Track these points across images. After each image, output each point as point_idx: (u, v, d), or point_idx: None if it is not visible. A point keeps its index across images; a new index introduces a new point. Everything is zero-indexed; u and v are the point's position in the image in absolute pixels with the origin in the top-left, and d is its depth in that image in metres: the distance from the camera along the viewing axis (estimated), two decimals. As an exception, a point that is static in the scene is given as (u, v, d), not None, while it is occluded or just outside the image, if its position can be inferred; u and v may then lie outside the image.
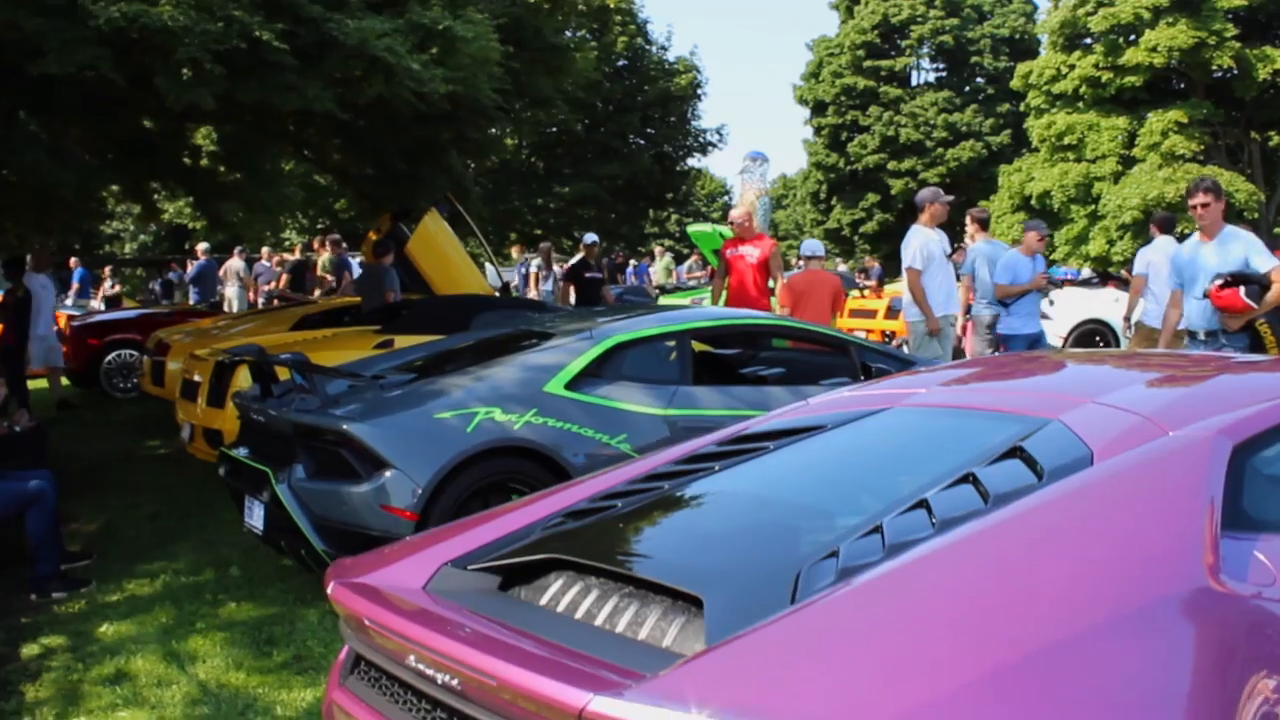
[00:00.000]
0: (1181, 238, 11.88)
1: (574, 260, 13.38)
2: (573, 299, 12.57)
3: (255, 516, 5.11)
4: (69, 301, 17.29)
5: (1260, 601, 2.13)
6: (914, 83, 39.94)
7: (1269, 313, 6.01)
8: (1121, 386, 2.88)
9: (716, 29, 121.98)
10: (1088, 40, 28.39)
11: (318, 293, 14.27)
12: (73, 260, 20.24)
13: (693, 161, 30.55)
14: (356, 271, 13.12)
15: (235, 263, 17.28)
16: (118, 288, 20.66)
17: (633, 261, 25.36)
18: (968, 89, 39.02)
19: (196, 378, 7.58)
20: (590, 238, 13.07)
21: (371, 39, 6.02)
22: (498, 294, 10.62)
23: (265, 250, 19.40)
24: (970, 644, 1.82)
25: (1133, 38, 26.89)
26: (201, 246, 17.89)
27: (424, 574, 2.47)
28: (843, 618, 1.92)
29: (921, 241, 8.17)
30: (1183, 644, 1.93)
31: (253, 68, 5.77)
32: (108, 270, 21.61)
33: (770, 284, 8.98)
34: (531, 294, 15.42)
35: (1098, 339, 14.65)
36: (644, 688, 1.76)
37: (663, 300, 17.62)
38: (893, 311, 14.55)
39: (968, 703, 1.69)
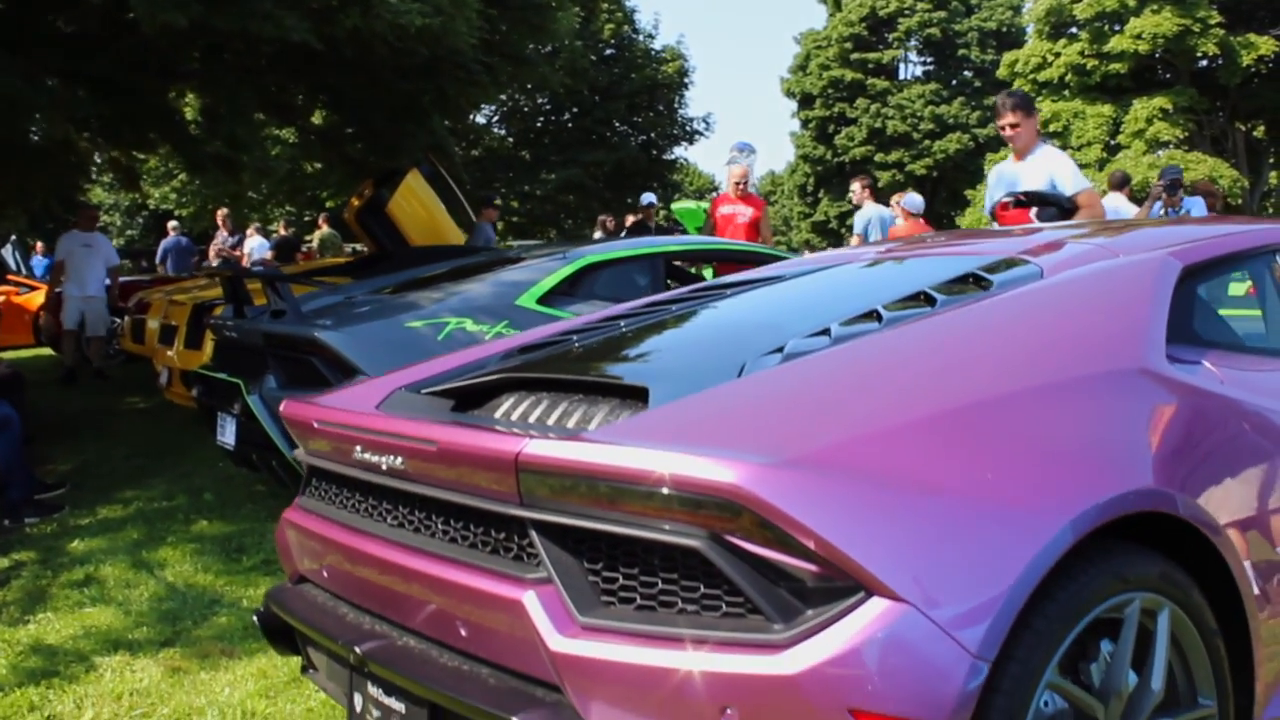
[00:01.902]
0: (1135, 198, 11.67)
1: (630, 224, 12.82)
2: None
3: (227, 433, 5.10)
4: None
5: (1202, 392, 2.14)
6: (901, 75, 40.03)
7: None
8: (1085, 237, 2.91)
9: (704, 21, 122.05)
10: (1073, 29, 28.51)
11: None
12: (39, 246, 19.97)
13: (679, 150, 30.54)
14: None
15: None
16: None
17: None
18: (955, 82, 39.09)
19: (173, 322, 7.54)
20: (648, 198, 12.54)
21: (347, -34, 6.03)
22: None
23: (251, 231, 19.26)
24: (906, 398, 1.83)
25: (1118, 26, 27.01)
26: (171, 225, 17.62)
27: (378, 396, 2.47)
28: (784, 383, 1.93)
29: None
30: (1119, 409, 1.95)
31: (230, -7, 5.78)
32: None
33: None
34: None
35: None
36: (580, 434, 1.76)
37: None
38: None
39: (902, 437, 1.70)
